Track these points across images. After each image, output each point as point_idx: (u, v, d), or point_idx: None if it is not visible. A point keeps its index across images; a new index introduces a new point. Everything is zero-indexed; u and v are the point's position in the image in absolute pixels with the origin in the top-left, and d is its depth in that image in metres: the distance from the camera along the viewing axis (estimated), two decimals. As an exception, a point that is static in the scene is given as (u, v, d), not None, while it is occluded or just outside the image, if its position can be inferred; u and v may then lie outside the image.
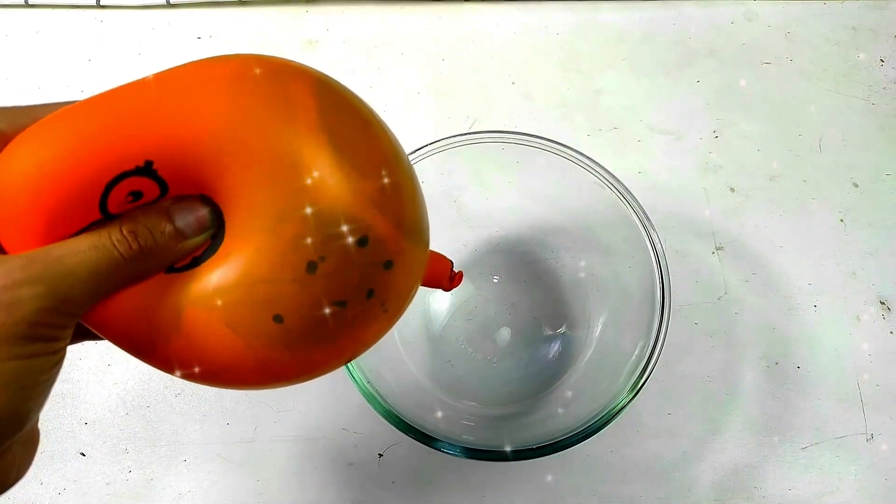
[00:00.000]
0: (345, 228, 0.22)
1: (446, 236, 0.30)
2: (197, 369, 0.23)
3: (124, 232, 0.21)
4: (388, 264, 0.23)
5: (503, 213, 0.43)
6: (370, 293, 0.23)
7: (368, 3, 0.54)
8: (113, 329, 0.23)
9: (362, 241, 0.23)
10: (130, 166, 0.21)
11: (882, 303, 0.45)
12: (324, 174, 0.22)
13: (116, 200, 0.21)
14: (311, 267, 0.22)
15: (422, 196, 0.26)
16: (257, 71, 0.23)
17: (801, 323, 0.44)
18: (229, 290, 0.22)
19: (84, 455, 0.41)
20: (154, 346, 0.23)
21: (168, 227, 0.22)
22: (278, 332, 0.22)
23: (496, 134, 0.38)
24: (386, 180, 0.23)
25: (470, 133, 0.38)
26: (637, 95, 0.51)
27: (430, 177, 0.38)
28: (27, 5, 0.54)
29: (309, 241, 0.22)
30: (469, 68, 0.52)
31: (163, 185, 0.22)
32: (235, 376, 0.24)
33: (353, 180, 0.22)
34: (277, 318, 0.22)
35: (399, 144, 0.26)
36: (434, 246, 0.29)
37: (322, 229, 0.22)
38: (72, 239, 0.20)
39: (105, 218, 0.21)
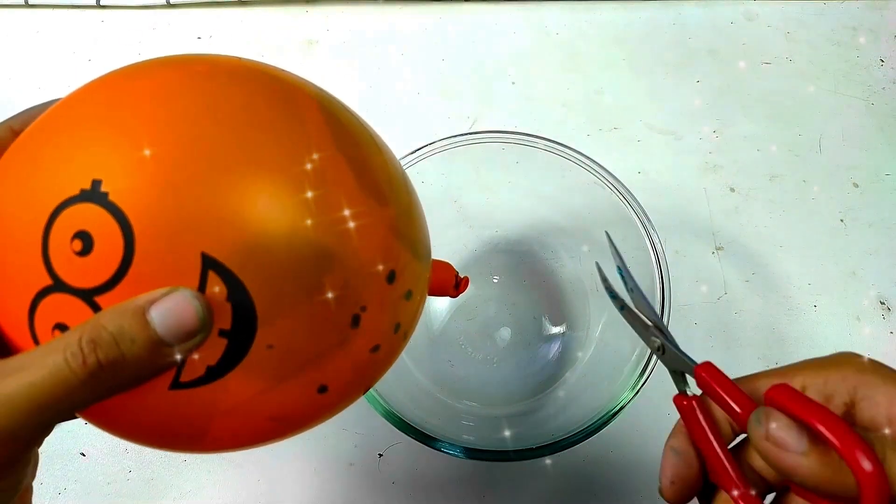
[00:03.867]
0: (380, 267, 0.19)
1: (446, 236, 0.30)
2: (230, 453, 0.21)
3: (83, 342, 0.16)
4: (409, 294, 0.21)
5: (503, 213, 0.43)
6: (397, 327, 0.21)
7: (368, 3, 0.54)
8: (122, 434, 0.19)
9: (391, 277, 0.19)
10: (74, 191, 0.16)
11: (882, 303, 0.44)
12: (352, 206, 0.18)
13: (61, 251, 0.16)
14: (356, 321, 0.19)
15: (422, 210, 0.24)
16: (253, 74, 0.19)
17: (801, 323, 0.44)
18: (272, 389, 0.18)
19: (84, 455, 0.41)
20: (178, 447, 0.20)
21: (140, 334, 0.16)
22: (320, 401, 0.20)
23: (496, 134, 0.38)
24: (399, 204, 0.21)
25: (470, 133, 0.38)
26: (637, 95, 0.51)
27: (430, 177, 0.38)
28: (27, 5, 0.54)
29: (353, 291, 0.18)
30: (469, 68, 0.52)
31: (124, 223, 0.16)
32: (267, 443, 0.21)
33: (377, 209, 0.19)
34: (322, 389, 0.19)
35: (395, 157, 0.23)
36: (434, 246, 0.29)
37: (360, 274, 0.18)
38: (16, 356, 0.16)
39: (55, 284, 0.16)
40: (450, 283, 0.27)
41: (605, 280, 0.28)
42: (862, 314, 0.44)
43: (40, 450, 0.24)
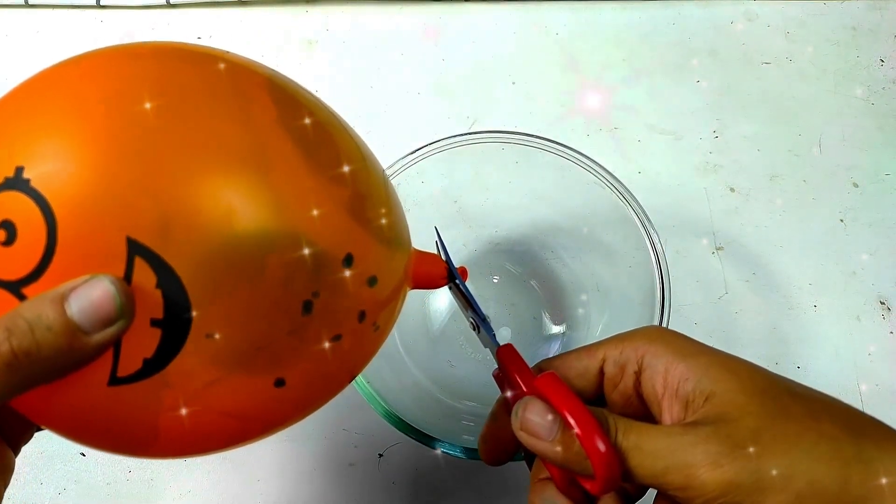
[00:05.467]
0: (331, 249, 0.18)
1: (446, 236, 0.30)
2: (190, 457, 0.19)
3: None
4: (373, 280, 0.20)
5: (503, 213, 0.43)
6: (362, 316, 0.20)
7: (368, 3, 0.54)
8: (74, 436, 0.19)
9: (347, 260, 0.19)
10: None
11: (882, 303, 0.44)
12: (298, 185, 0.17)
13: None
14: (308, 307, 0.18)
15: (395, 197, 0.23)
16: (193, 56, 0.18)
17: (801, 323, 0.44)
18: (220, 382, 0.17)
19: (84, 455, 0.41)
20: (136, 449, 0.19)
21: (57, 322, 0.16)
22: (281, 395, 0.19)
23: (496, 134, 0.38)
24: (359, 187, 0.20)
25: (470, 133, 0.38)
26: (637, 95, 0.51)
27: (430, 177, 0.38)
28: (27, 5, 0.54)
29: (301, 275, 0.17)
30: (469, 68, 0.52)
31: (46, 209, 0.15)
32: (236, 445, 0.20)
33: (328, 190, 0.18)
34: (279, 383, 0.18)
35: (363, 142, 0.22)
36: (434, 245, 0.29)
37: (311, 257, 0.17)
38: None
39: None
40: (438, 274, 0.26)
41: (447, 257, 0.28)
42: (862, 314, 0.44)
43: (40, 450, 0.24)
